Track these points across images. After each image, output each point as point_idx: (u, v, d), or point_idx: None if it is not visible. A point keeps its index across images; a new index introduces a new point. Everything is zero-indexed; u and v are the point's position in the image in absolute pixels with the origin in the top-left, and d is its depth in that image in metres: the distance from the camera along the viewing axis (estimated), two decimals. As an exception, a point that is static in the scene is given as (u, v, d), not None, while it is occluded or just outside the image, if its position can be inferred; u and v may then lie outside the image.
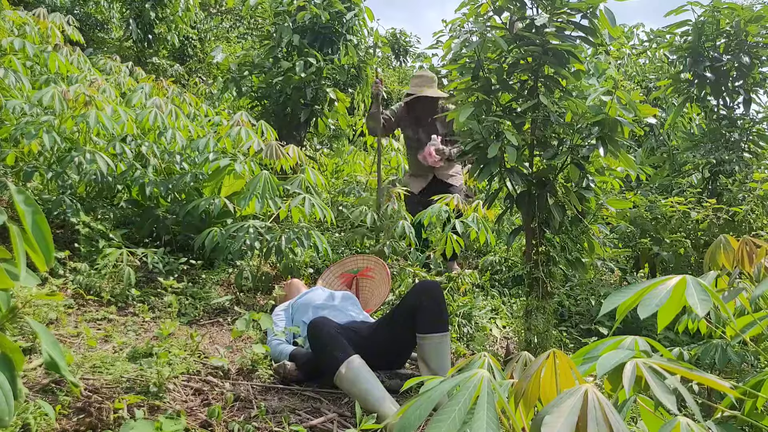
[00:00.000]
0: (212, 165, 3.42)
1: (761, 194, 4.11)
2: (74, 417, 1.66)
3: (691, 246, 4.12)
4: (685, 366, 0.90)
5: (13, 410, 0.89)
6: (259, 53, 5.07)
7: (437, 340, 2.29)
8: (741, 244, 1.45)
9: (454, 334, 3.21)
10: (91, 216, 3.20)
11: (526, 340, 2.93)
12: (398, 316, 2.38)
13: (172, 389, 1.97)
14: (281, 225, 3.52)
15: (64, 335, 2.28)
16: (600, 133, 2.75)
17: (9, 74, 3.29)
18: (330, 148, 6.29)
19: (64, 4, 7.73)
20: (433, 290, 2.34)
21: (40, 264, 0.93)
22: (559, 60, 2.81)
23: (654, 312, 0.98)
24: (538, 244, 3.03)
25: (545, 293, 2.99)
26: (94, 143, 3.43)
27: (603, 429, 0.74)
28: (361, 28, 5.19)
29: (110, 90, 3.75)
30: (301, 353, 2.40)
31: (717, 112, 4.87)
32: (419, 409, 0.84)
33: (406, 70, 12.38)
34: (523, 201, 2.98)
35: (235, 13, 10.49)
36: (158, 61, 7.41)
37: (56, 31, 4.44)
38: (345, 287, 3.31)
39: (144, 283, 3.06)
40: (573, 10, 2.80)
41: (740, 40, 4.52)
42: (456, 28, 3.00)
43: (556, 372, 0.87)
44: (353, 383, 2.08)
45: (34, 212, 0.90)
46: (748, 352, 2.47)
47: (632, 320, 3.79)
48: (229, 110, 5.76)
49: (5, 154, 3.17)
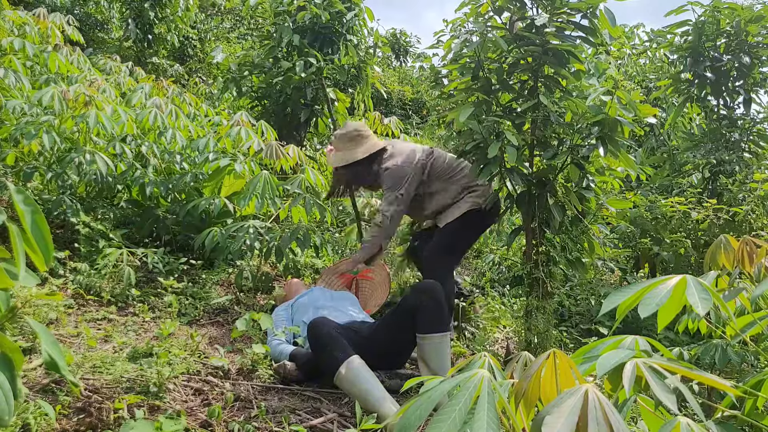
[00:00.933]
0: (212, 165, 3.42)
1: (761, 194, 4.11)
2: (74, 417, 1.66)
3: (691, 246, 4.12)
4: (686, 365, 0.90)
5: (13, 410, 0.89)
6: (259, 53, 5.07)
7: (437, 340, 2.28)
8: (741, 244, 1.45)
9: (455, 333, 3.22)
10: (91, 216, 3.20)
11: (526, 340, 2.93)
12: (398, 316, 2.38)
13: (172, 389, 1.97)
14: (281, 225, 3.52)
15: (64, 335, 2.28)
16: (600, 133, 2.75)
17: (9, 74, 3.29)
18: (330, 148, 6.27)
19: (64, 4, 7.73)
20: (434, 290, 2.33)
21: (40, 264, 0.93)
22: (559, 60, 2.81)
23: (654, 311, 0.98)
24: (538, 244, 3.03)
25: (545, 293, 2.99)
26: (94, 143, 3.43)
27: (603, 429, 0.74)
28: (361, 28, 5.19)
29: (110, 90, 3.76)
30: (301, 353, 2.40)
31: (717, 112, 4.87)
32: (419, 409, 0.84)
33: (406, 70, 12.39)
34: (523, 201, 2.97)
35: (236, 13, 10.49)
36: (158, 61, 7.41)
37: (56, 31, 4.44)
38: (344, 287, 3.31)
39: (144, 283, 3.06)
40: (573, 10, 2.80)
41: (740, 40, 4.52)
42: (456, 28, 3.00)
43: (557, 372, 0.87)
44: (353, 383, 2.08)
45: (34, 212, 0.90)
46: (748, 352, 2.47)
47: (632, 320, 3.80)
48: (229, 110, 5.76)
49: (5, 154, 3.17)
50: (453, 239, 3.02)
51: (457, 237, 3.02)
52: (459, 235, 3.03)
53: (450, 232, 2.99)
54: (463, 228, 3.01)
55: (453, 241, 3.02)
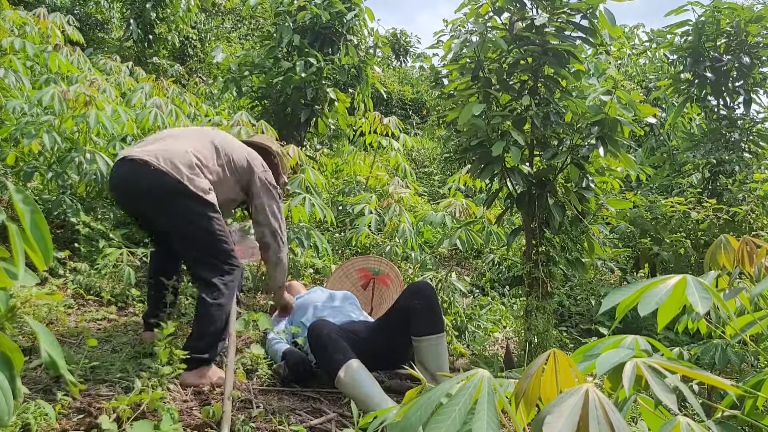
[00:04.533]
0: (212, 165, 3.42)
1: (761, 194, 4.11)
2: (74, 417, 1.66)
3: (691, 246, 4.12)
4: (686, 365, 0.90)
5: (12, 409, 0.89)
6: (260, 53, 5.07)
7: (434, 342, 2.27)
8: (741, 244, 1.45)
9: (455, 333, 3.21)
10: (91, 216, 3.19)
11: (526, 340, 2.93)
12: (393, 318, 2.37)
13: (172, 389, 1.96)
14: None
15: (64, 335, 2.27)
16: (600, 132, 2.75)
17: (9, 74, 3.29)
18: (330, 148, 6.29)
19: (64, 4, 7.74)
20: (425, 291, 2.31)
21: (39, 263, 0.93)
22: (558, 60, 2.81)
23: (653, 310, 0.98)
24: (538, 244, 3.03)
25: (545, 293, 2.99)
26: (94, 143, 3.43)
27: (605, 428, 0.74)
28: (361, 29, 5.20)
29: (110, 90, 3.76)
30: (292, 353, 2.37)
31: (717, 112, 4.87)
32: (420, 410, 0.84)
33: (406, 70, 12.39)
34: (523, 201, 2.97)
35: (236, 13, 10.49)
36: (158, 61, 7.42)
37: (56, 31, 4.44)
38: (361, 280, 3.31)
39: (144, 283, 3.05)
40: (573, 11, 2.81)
41: (741, 40, 4.52)
42: (456, 28, 3.00)
43: (557, 372, 0.87)
44: (352, 387, 2.07)
45: (33, 211, 0.90)
46: (748, 352, 2.47)
47: (632, 320, 3.80)
48: (230, 110, 5.76)
49: (5, 154, 3.17)
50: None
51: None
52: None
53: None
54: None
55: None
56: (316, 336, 2.23)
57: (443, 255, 5.21)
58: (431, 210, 4.43)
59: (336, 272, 3.36)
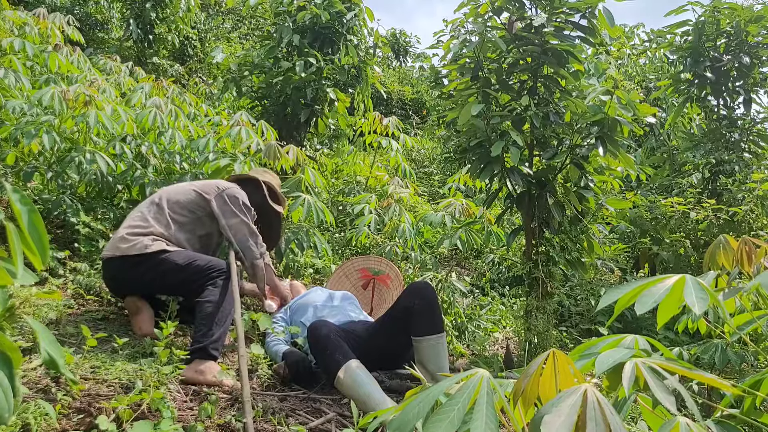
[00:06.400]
0: (212, 165, 3.42)
1: (761, 194, 4.11)
2: (74, 417, 1.66)
3: (690, 246, 4.12)
4: (685, 365, 0.90)
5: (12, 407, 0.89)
6: (260, 53, 5.07)
7: (434, 342, 2.27)
8: (740, 244, 1.45)
9: (455, 333, 3.21)
10: (91, 216, 3.20)
11: (526, 340, 2.93)
12: (393, 318, 2.37)
13: (172, 389, 1.96)
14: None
15: (64, 335, 2.27)
16: (599, 132, 2.75)
17: (9, 74, 3.29)
18: (330, 148, 6.29)
19: (64, 4, 7.74)
20: (425, 291, 2.31)
21: (36, 263, 0.93)
22: (558, 60, 2.81)
23: (651, 308, 0.98)
24: (538, 244, 3.03)
25: (545, 293, 2.99)
26: (94, 143, 3.43)
27: (602, 429, 0.74)
28: (361, 28, 5.20)
29: (110, 90, 3.76)
30: (292, 353, 2.37)
31: (717, 112, 4.87)
32: (418, 407, 0.84)
33: (406, 70, 12.39)
34: (523, 201, 2.97)
35: (236, 13, 10.50)
36: (158, 61, 7.42)
37: (56, 31, 4.44)
38: (362, 280, 3.31)
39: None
40: (572, 10, 2.80)
41: (740, 40, 4.52)
42: (456, 28, 3.00)
43: (556, 371, 0.87)
44: (352, 387, 2.07)
45: (30, 211, 0.90)
46: (747, 352, 2.47)
47: (632, 320, 3.80)
48: (229, 110, 5.76)
49: (5, 154, 3.17)
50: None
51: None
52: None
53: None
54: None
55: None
56: (316, 336, 2.23)
57: (443, 255, 5.21)
58: (431, 210, 4.42)
59: (336, 272, 3.37)
